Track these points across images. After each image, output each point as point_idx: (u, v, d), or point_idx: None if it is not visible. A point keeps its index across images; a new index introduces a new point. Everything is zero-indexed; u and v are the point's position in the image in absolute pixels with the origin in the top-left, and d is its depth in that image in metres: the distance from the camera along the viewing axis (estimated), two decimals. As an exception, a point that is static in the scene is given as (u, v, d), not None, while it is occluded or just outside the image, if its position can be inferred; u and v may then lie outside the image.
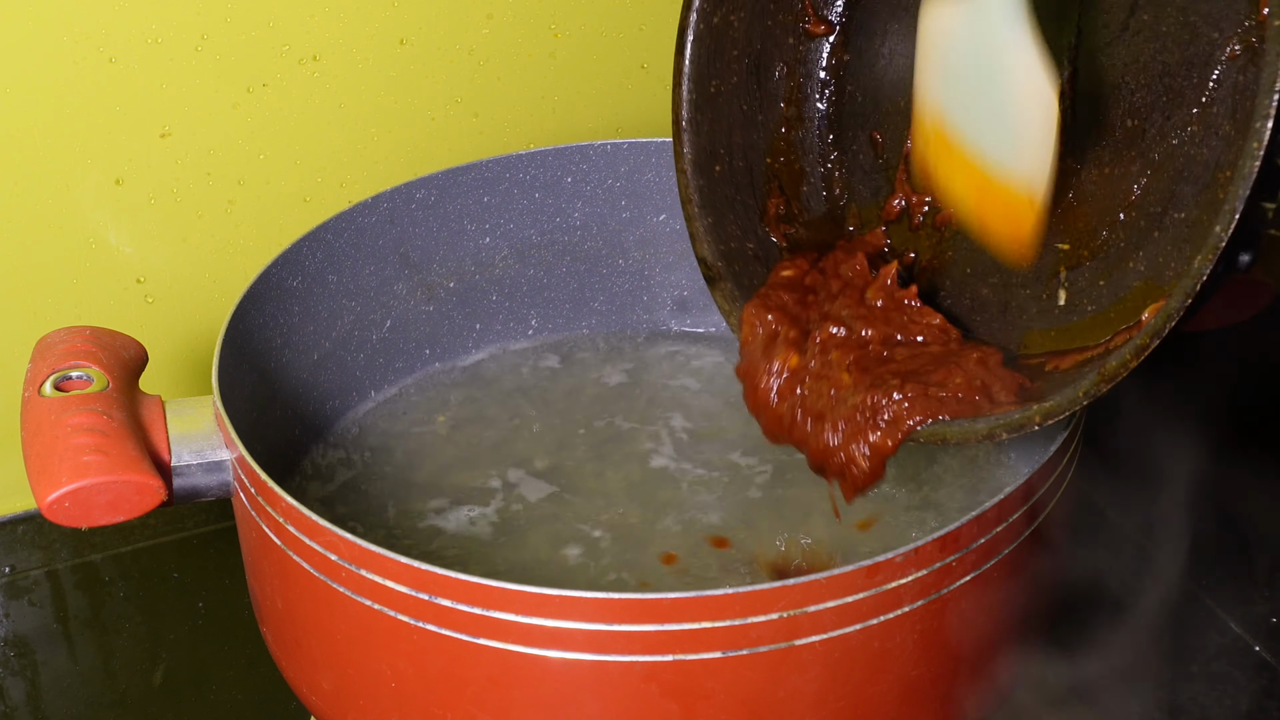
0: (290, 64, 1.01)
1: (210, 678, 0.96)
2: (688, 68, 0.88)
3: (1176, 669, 0.93)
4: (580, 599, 0.71)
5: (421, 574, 0.72)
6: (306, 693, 0.81)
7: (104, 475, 0.76)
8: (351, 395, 0.96)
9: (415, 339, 0.98)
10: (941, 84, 0.83)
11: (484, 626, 0.72)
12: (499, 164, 0.98)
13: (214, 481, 0.81)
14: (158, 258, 1.03)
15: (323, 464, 0.93)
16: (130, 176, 1.00)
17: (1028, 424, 0.76)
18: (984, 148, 0.81)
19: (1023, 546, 0.77)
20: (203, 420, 0.82)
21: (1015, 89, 0.79)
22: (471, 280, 0.99)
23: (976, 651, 0.77)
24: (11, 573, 1.02)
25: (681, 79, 0.88)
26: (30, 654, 0.98)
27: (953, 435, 0.79)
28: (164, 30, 0.98)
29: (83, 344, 0.83)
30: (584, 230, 1.00)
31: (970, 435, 0.78)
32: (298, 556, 0.76)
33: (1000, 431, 0.77)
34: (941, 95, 0.83)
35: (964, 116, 0.82)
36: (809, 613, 0.71)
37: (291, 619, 0.79)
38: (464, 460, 0.93)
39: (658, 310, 1.02)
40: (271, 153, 1.02)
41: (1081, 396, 0.75)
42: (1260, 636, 0.95)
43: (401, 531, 0.89)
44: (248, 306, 0.88)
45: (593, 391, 0.98)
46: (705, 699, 0.73)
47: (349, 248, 0.94)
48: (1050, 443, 0.79)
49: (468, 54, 1.04)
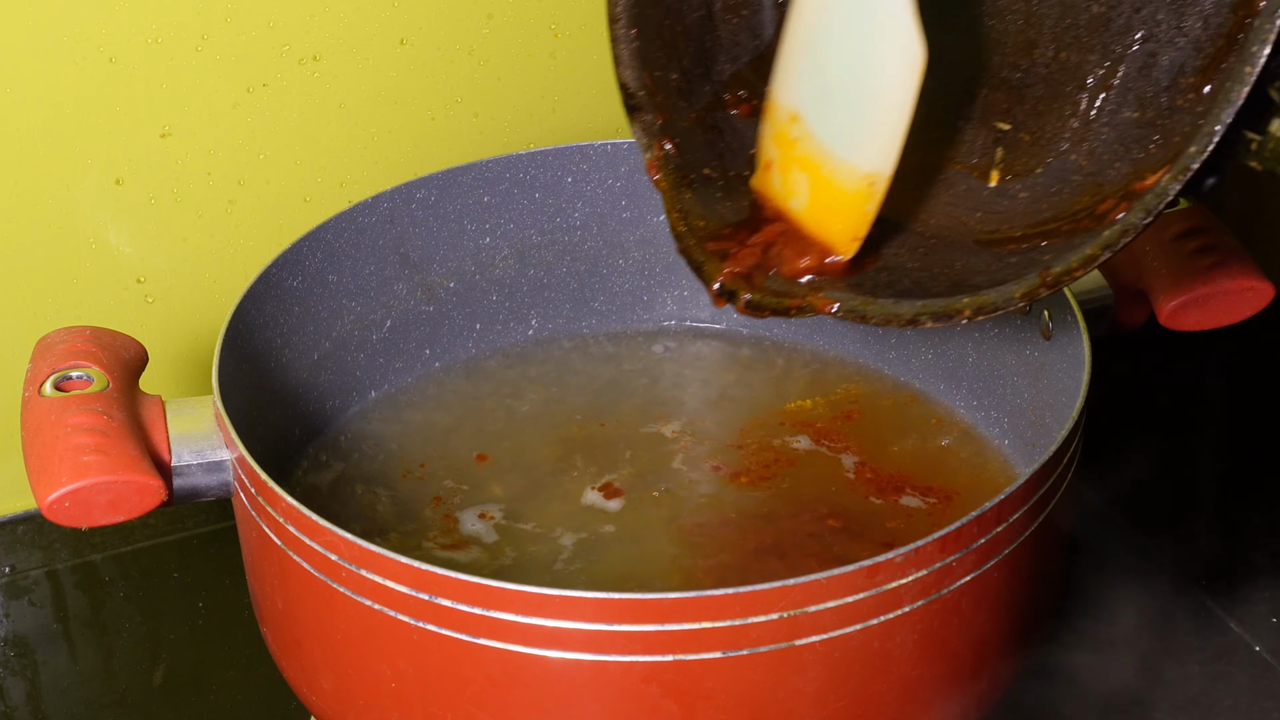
0: (290, 64, 1.01)
1: (210, 678, 0.96)
2: None
3: (1176, 669, 0.93)
4: (580, 599, 0.71)
5: (421, 574, 0.72)
6: (306, 693, 0.81)
7: (104, 475, 0.76)
8: (351, 395, 0.96)
9: (415, 339, 0.98)
10: (799, 64, 0.81)
11: (484, 626, 0.72)
12: (499, 164, 0.98)
13: (214, 481, 0.81)
14: (158, 258, 1.03)
15: (323, 464, 0.93)
16: (130, 176, 1.00)
17: (956, 314, 0.74)
18: (827, 138, 0.80)
19: (1023, 546, 0.77)
20: (203, 420, 0.81)
21: (880, 54, 0.77)
22: (471, 280, 0.99)
23: (976, 651, 0.77)
24: (11, 573, 1.02)
25: None
26: (30, 654, 0.98)
27: (873, 313, 0.76)
28: (164, 30, 0.98)
29: (83, 344, 0.83)
30: (584, 230, 1.00)
31: (893, 318, 0.75)
32: (298, 556, 0.76)
33: (925, 318, 0.74)
34: (796, 78, 0.81)
35: (813, 103, 0.80)
36: (809, 613, 0.71)
37: (291, 619, 0.79)
38: (464, 460, 0.93)
39: (658, 310, 1.02)
40: (271, 153, 1.02)
41: (1018, 297, 0.72)
42: (1260, 636, 0.95)
43: (402, 531, 0.89)
44: (248, 306, 0.88)
45: (593, 391, 0.98)
46: (705, 699, 0.73)
47: (349, 248, 0.94)
48: (1051, 442, 0.79)
49: (468, 54, 1.04)
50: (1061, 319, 0.86)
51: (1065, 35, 0.79)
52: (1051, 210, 0.77)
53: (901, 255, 0.80)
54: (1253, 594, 0.98)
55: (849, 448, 0.93)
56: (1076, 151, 0.77)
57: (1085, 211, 0.76)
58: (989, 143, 0.81)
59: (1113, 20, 0.77)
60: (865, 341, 0.98)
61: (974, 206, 0.81)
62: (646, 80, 0.86)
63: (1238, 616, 0.96)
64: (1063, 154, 0.78)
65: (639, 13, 0.85)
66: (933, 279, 0.79)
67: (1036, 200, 0.78)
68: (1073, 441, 0.80)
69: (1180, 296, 0.88)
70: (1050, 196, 0.78)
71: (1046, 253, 0.75)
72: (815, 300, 0.80)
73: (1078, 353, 0.84)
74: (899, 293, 0.78)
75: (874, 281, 0.79)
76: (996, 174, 0.80)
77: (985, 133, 0.82)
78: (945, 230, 0.81)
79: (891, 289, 0.79)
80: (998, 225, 0.79)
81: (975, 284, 0.76)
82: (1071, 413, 0.79)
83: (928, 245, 0.81)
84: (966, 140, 0.82)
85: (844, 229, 0.80)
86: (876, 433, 0.94)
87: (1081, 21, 0.78)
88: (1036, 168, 0.79)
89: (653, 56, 0.86)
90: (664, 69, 0.86)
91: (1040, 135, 0.79)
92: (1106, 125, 0.77)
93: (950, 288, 0.77)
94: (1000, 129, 0.81)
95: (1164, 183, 0.68)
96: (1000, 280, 0.75)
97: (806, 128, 0.81)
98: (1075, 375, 0.83)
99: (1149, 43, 0.75)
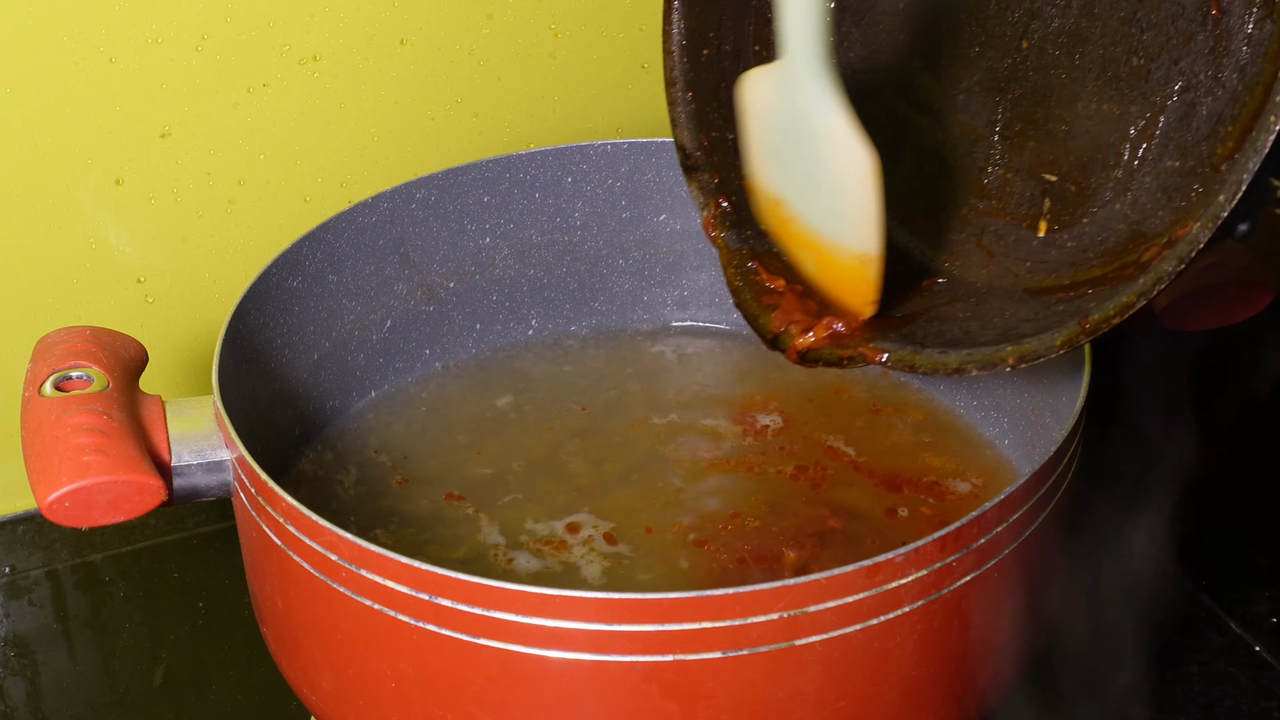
0: (290, 64, 1.01)
1: (210, 678, 0.96)
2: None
3: (1176, 669, 0.93)
4: (580, 599, 0.71)
5: (421, 574, 0.72)
6: (306, 693, 0.81)
7: (104, 475, 0.76)
8: (351, 395, 0.96)
9: (415, 339, 0.98)
10: (768, 159, 0.83)
11: (484, 626, 0.72)
12: (499, 164, 0.98)
13: (214, 481, 0.81)
14: (158, 258, 1.03)
15: (323, 464, 0.93)
16: (130, 176, 1.00)
17: (1000, 363, 0.75)
18: (814, 221, 0.82)
19: (1023, 546, 0.77)
20: (203, 420, 0.81)
21: (833, 160, 0.80)
22: (471, 280, 0.99)
23: (977, 651, 0.77)
24: (11, 573, 1.02)
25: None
26: (30, 654, 0.98)
27: (921, 364, 0.78)
28: (164, 30, 0.98)
29: (83, 344, 0.83)
30: (584, 230, 1.00)
31: (940, 367, 0.77)
32: (298, 556, 0.76)
33: (970, 367, 0.76)
34: (770, 169, 0.84)
35: (792, 191, 0.83)
36: (809, 613, 0.71)
37: (291, 619, 0.79)
38: (464, 459, 0.93)
39: (658, 310, 1.02)
40: (271, 153, 1.02)
41: (1059, 345, 0.74)
42: (1260, 636, 0.95)
43: (402, 531, 0.89)
44: (248, 306, 0.88)
45: (593, 391, 0.98)
46: (705, 699, 0.73)
47: (349, 248, 0.94)
48: (1051, 442, 0.79)
49: (468, 54, 1.04)
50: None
51: (1107, 89, 0.80)
52: (1098, 259, 0.79)
53: (954, 307, 0.83)
54: (1253, 594, 0.98)
55: (849, 448, 0.93)
56: (1120, 201, 0.79)
57: (1132, 260, 0.77)
58: (1037, 194, 0.82)
59: (1152, 72, 0.78)
60: (865, 341, 0.98)
61: (1024, 256, 0.82)
62: (703, 141, 0.87)
63: (1238, 616, 0.96)
64: (1107, 203, 0.80)
65: (695, 77, 0.87)
66: (983, 328, 0.81)
67: (1083, 249, 0.80)
68: (1073, 441, 0.80)
69: (1180, 296, 0.88)
70: (1097, 245, 0.79)
71: (1091, 300, 0.77)
72: (866, 351, 0.82)
73: (1078, 353, 0.84)
74: (948, 343, 0.80)
75: (925, 332, 0.82)
76: (1045, 225, 0.82)
77: (1033, 184, 0.83)
78: (997, 281, 0.83)
79: (941, 339, 0.81)
80: (1046, 275, 0.81)
81: (1021, 332, 0.78)
82: (1071, 413, 0.79)
83: (979, 296, 0.82)
84: (1015, 192, 0.83)
85: (855, 295, 0.83)
86: (876, 433, 0.94)
87: (1123, 74, 0.80)
88: (1083, 217, 0.80)
89: (709, 118, 0.88)
90: (720, 130, 0.88)
91: (1085, 186, 0.81)
92: (1149, 175, 0.78)
93: (998, 336, 0.79)
94: (1048, 180, 0.82)
95: (1194, 231, 0.69)
96: (1046, 328, 0.76)
97: (793, 211, 0.83)
98: (1075, 375, 0.83)
99: (1188, 93, 0.77)
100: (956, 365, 0.77)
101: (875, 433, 0.94)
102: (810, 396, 0.96)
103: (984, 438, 0.93)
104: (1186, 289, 0.88)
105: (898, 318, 0.84)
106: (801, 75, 0.80)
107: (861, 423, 0.95)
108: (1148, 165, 0.78)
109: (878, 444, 0.93)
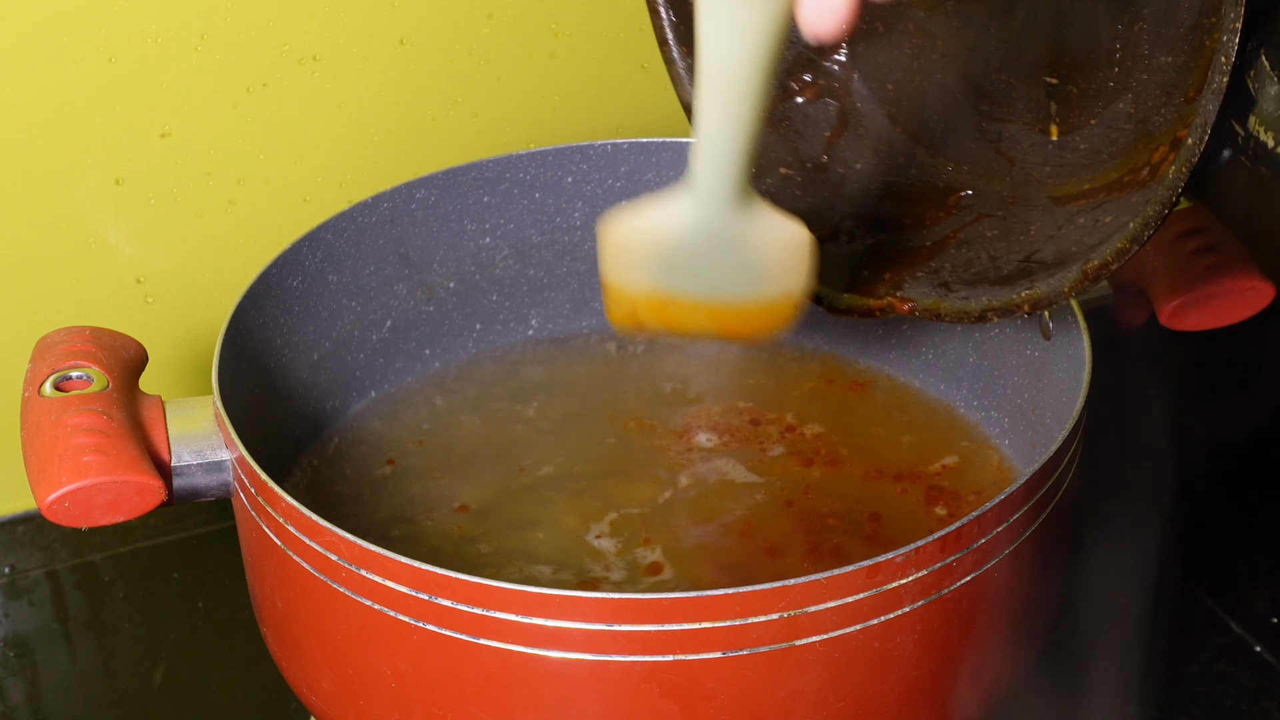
0: (290, 64, 1.01)
1: (210, 678, 0.96)
2: None
3: (1176, 669, 0.93)
4: (580, 599, 0.71)
5: (421, 574, 0.72)
6: (306, 693, 0.81)
7: (104, 475, 0.76)
8: (351, 395, 0.96)
9: (415, 339, 0.98)
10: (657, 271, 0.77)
11: (484, 626, 0.72)
12: (499, 164, 0.98)
13: (214, 481, 0.81)
14: (158, 258, 1.03)
15: (322, 464, 0.93)
16: (130, 176, 1.00)
17: (1016, 309, 0.78)
18: (719, 295, 0.77)
19: (1023, 547, 0.77)
20: (203, 420, 0.81)
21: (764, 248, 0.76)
22: (471, 280, 0.99)
23: (977, 651, 0.77)
24: (11, 573, 1.02)
25: None
26: (30, 654, 0.98)
27: (946, 311, 0.80)
28: (164, 30, 0.98)
29: (83, 344, 0.83)
30: (584, 230, 1.00)
31: (964, 315, 0.79)
32: (298, 556, 0.76)
33: (991, 314, 0.79)
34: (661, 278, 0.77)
35: (690, 285, 0.77)
36: (809, 613, 0.71)
37: (291, 619, 0.79)
38: (464, 460, 0.93)
39: (658, 310, 1.02)
40: (271, 153, 1.02)
41: (1066, 292, 0.76)
42: (1260, 636, 0.95)
43: (402, 531, 0.89)
44: (248, 306, 0.88)
45: (593, 391, 0.98)
46: (705, 699, 0.73)
47: (349, 248, 0.94)
48: (1051, 442, 0.79)
49: (468, 54, 1.04)
50: (1062, 319, 0.86)
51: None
52: (1112, 160, 0.79)
53: (982, 224, 0.83)
54: (1253, 594, 0.98)
55: (849, 447, 0.93)
56: (1122, 99, 0.79)
57: (1144, 161, 0.77)
58: (1042, 98, 0.82)
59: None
60: (866, 342, 0.98)
61: (1042, 161, 0.83)
62: None
63: (1238, 616, 0.96)
64: (1110, 103, 0.80)
65: (686, 30, 0.86)
66: (1009, 249, 0.81)
67: (1097, 151, 0.80)
68: (1073, 441, 0.80)
69: (1180, 296, 0.88)
70: (1109, 146, 0.80)
71: (1108, 213, 0.78)
72: (894, 301, 0.83)
73: (1078, 353, 0.84)
74: (974, 276, 0.81)
75: (953, 262, 0.82)
76: (1055, 128, 0.82)
77: (1036, 88, 0.83)
78: (1020, 190, 0.83)
79: (968, 269, 0.81)
80: (1066, 179, 0.81)
81: (1042, 257, 0.79)
82: (1071, 413, 0.79)
83: (1006, 206, 0.82)
84: (1021, 97, 0.83)
85: (768, 326, 0.79)
86: (877, 432, 0.94)
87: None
88: (1090, 119, 0.81)
89: None
90: None
91: (1086, 87, 0.81)
92: (1145, 72, 0.78)
93: (1020, 262, 0.80)
94: (1049, 82, 0.82)
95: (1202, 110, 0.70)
96: (1065, 252, 0.77)
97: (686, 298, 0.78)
98: (1075, 375, 0.83)
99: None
100: (979, 312, 0.79)
101: (876, 432, 0.94)
102: (812, 393, 0.96)
103: (984, 437, 0.93)
104: (1187, 289, 0.88)
105: (928, 247, 0.83)
106: (712, 206, 0.74)
107: (862, 421, 0.95)
108: (1141, 62, 0.78)
109: (878, 443, 0.93)
